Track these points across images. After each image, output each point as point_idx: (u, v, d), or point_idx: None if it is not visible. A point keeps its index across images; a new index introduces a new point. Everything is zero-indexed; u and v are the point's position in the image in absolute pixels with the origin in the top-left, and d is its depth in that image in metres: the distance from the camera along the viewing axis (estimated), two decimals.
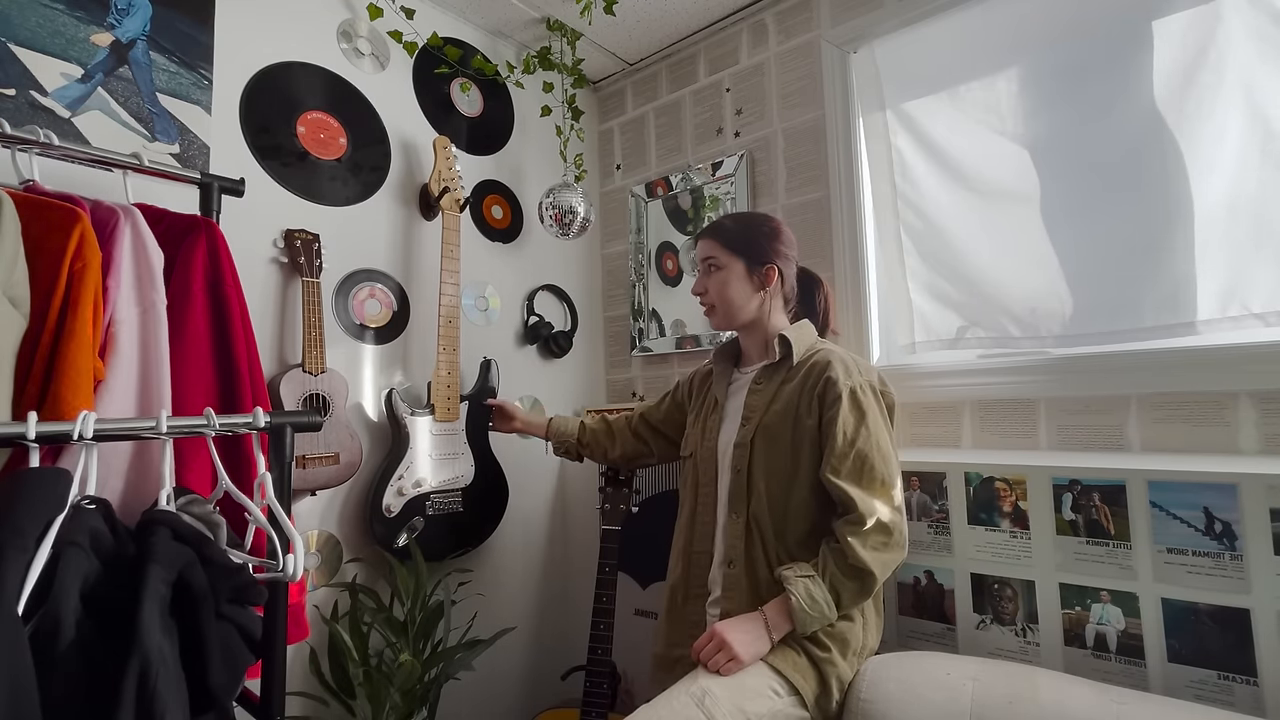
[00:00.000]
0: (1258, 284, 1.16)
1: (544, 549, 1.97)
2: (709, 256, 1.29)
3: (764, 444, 1.17)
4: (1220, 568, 1.00)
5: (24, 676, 0.62)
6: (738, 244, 1.28)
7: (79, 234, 0.87)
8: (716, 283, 1.28)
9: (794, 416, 1.16)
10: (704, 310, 1.33)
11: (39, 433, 0.73)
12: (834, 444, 1.11)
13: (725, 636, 1.05)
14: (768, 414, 1.19)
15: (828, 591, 1.06)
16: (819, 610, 1.05)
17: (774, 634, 1.07)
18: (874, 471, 1.10)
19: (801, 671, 1.07)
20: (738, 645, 1.04)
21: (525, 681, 1.89)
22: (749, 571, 1.15)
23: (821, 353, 1.20)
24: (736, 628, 1.07)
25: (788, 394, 1.18)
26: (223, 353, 1.05)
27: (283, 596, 0.92)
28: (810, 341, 1.25)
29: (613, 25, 1.92)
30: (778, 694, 1.04)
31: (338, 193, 1.58)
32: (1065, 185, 1.36)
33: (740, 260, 1.27)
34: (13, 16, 1.15)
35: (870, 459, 1.10)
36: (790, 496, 1.15)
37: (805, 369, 1.19)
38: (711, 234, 1.31)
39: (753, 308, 1.27)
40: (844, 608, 1.08)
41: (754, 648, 1.06)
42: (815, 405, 1.15)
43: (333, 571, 1.50)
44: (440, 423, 1.60)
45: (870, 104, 1.64)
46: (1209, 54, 1.21)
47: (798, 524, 1.15)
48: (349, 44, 1.64)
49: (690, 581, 1.26)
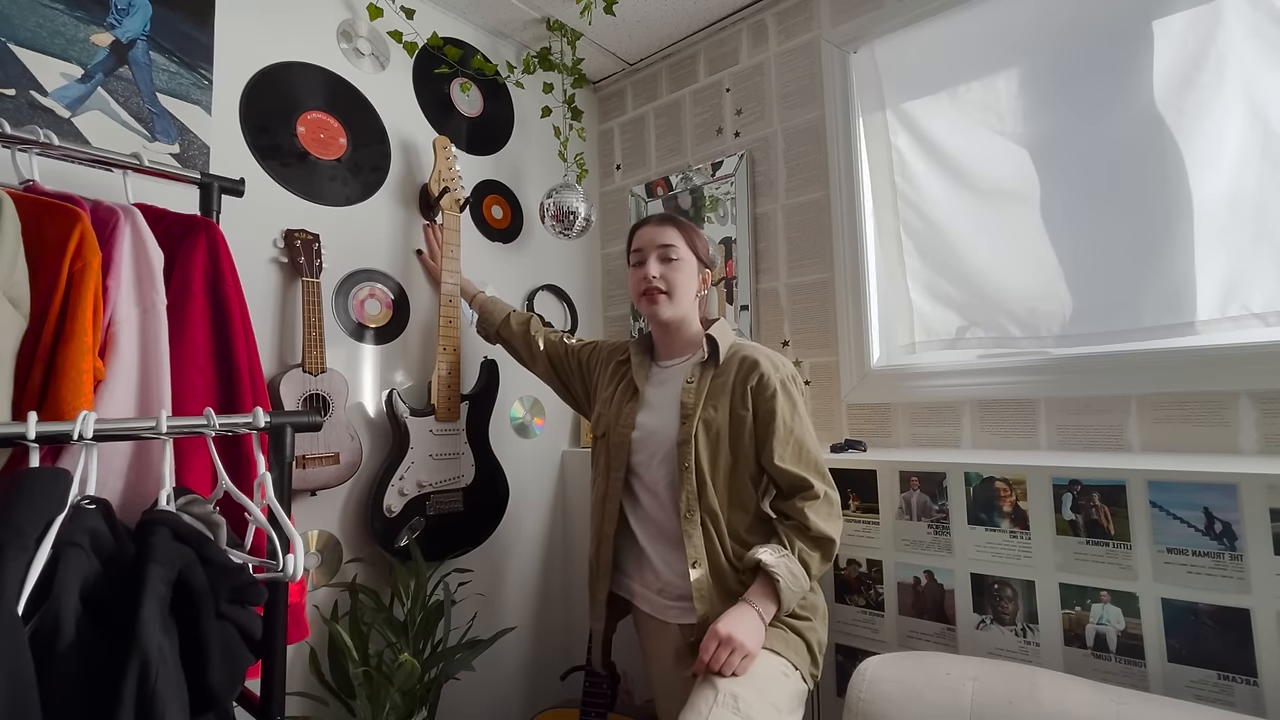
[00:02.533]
0: (1258, 284, 1.16)
1: (544, 549, 1.97)
2: (670, 244, 1.28)
3: (706, 439, 1.21)
4: (1220, 568, 1.00)
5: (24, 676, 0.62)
6: (691, 242, 1.31)
7: (79, 234, 0.87)
8: (675, 271, 1.28)
9: (729, 410, 1.21)
10: (647, 295, 1.27)
11: (39, 433, 0.73)
12: (777, 433, 1.18)
13: (732, 634, 1.06)
14: (704, 409, 1.22)
15: (800, 566, 1.12)
16: (799, 585, 1.11)
17: (765, 619, 1.11)
18: (810, 454, 1.19)
19: (795, 647, 1.12)
20: (746, 640, 1.06)
21: (525, 681, 1.88)
22: (713, 569, 1.18)
23: (744, 349, 1.25)
24: (738, 623, 1.08)
25: (720, 389, 1.22)
26: (223, 353, 1.05)
27: (283, 596, 0.92)
28: (731, 339, 1.30)
29: (613, 25, 1.92)
30: (786, 674, 1.09)
31: (338, 193, 1.58)
32: (1065, 185, 1.36)
33: (694, 258, 1.31)
34: (13, 16, 1.15)
35: (806, 443, 1.20)
36: (734, 487, 1.21)
37: (735, 364, 1.23)
38: (673, 224, 1.31)
39: (689, 304, 1.31)
40: (813, 577, 1.15)
41: (757, 637, 1.08)
42: (749, 398, 1.20)
43: (333, 571, 1.50)
44: (441, 423, 1.61)
45: (870, 104, 1.64)
46: (1209, 54, 1.21)
47: (743, 514, 1.21)
48: (349, 44, 1.64)
49: (600, 561, 1.31)
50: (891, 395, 1.57)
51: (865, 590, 1.34)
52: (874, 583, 1.33)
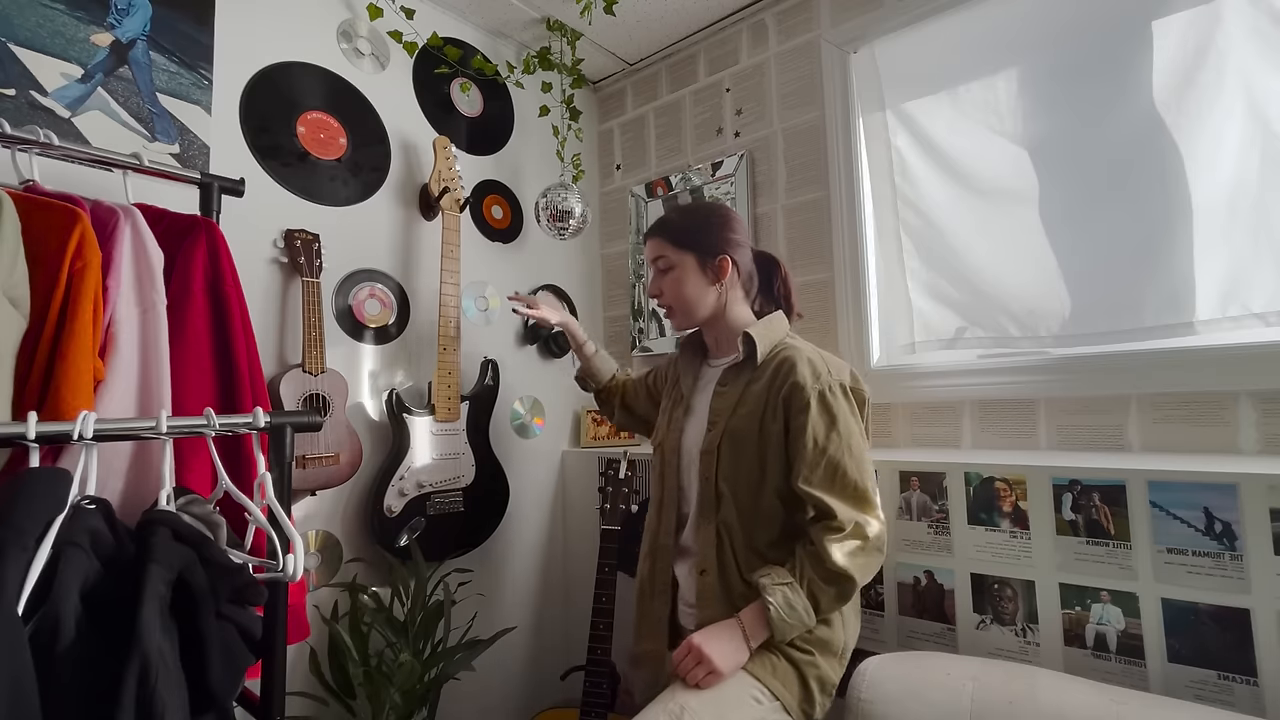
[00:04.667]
0: (1258, 284, 1.16)
1: (544, 549, 1.97)
2: (659, 256, 1.24)
3: (730, 450, 1.14)
4: (1220, 568, 1.00)
5: (24, 676, 0.62)
6: (686, 239, 1.22)
7: (79, 234, 0.87)
8: (671, 282, 1.23)
9: (759, 421, 1.12)
10: (663, 314, 1.29)
11: (39, 433, 0.73)
12: (805, 453, 1.07)
13: (703, 649, 1.01)
14: (734, 418, 1.15)
15: (806, 599, 1.03)
16: (797, 618, 1.02)
17: (752, 642, 1.04)
18: (846, 477, 1.06)
19: (782, 677, 1.04)
20: (716, 657, 1.01)
21: (525, 681, 1.88)
22: (722, 578, 1.13)
23: (788, 351, 1.15)
24: (714, 639, 1.03)
25: (753, 396, 1.14)
26: (223, 353, 1.05)
27: (283, 596, 0.92)
28: (778, 337, 1.20)
29: (613, 25, 1.92)
30: (759, 700, 1.01)
31: (338, 193, 1.58)
32: (1065, 185, 1.36)
33: (691, 255, 1.22)
34: (13, 16, 1.14)
35: (842, 465, 1.06)
36: (759, 502, 1.12)
37: (772, 369, 1.14)
38: (658, 232, 1.25)
39: (710, 302, 1.22)
40: (822, 613, 1.05)
41: (733, 659, 1.03)
42: (781, 410, 1.11)
43: (333, 571, 1.50)
44: (441, 423, 1.61)
45: (870, 104, 1.64)
46: (1208, 54, 1.21)
47: (768, 529, 1.12)
48: (349, 44, 1.64)
49: (655, 578, 1.25)
50: (891, 395, 1.57)
51: (865, 590, 1.34)
52: (874, 582, 1.33)
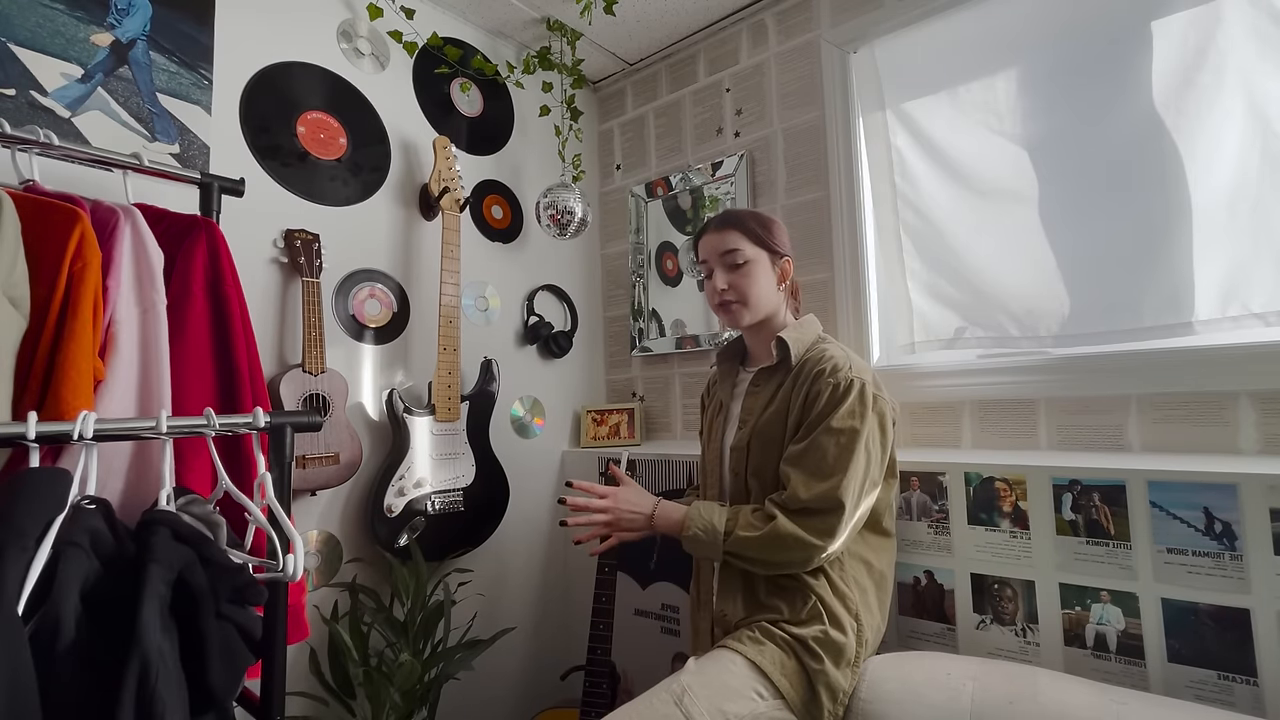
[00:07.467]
0: (1257, 284, 1.16)
1: (544, 549, 1.97)
2: (733, 249, 1.19)
3: (759, 446, 1.15)
4: (1220, 568, 1.00)
5: (24, 676, 0.62)
6: (759, 236, 1.20)
7: (79, 234, 0.87)
8: (743, 277, 1.18)
9: (785, 416, 1.14)
10: (722, 307, 1.21)
11: (39, 433, 0.73)
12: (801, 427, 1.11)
13: (615, 498, 1.14)
14: (763, 416, 1.16)
15: (725, 521, 1.09)
16: (708, 525, 1.09)
17: (657, 521, 1.15)
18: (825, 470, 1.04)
19: (789, 676, 1.03)
20: (623, 508, 1.14)
21: (525, 681, 1.88)
22: (744, 572, 1.13)
23: (818, 353, 1.15)
24: (630, 495, 1.16)
25: (783, 395, 1.15)
26: (223, 353, 1.05)
27: (283, 596, 0.92)
28: (810, 339, 1.20)
29: (613, 25, 1.92)
30: (760, 696, 1.01)
31: (338, 193, 1.58)
32: (1064, 185, 1.36)
33: (765, 252, 1.20)
34: (13, 16, 1.14)
35: (830, 455, 1.04)
36: None
37: (801, 371, 1.15)
38: (733, 224, 1.21)
39: (774, 303, 1.22)
40: (731, 546, 1.08)
41: (632, 505, 1.16)
42: (802, 400, 1.12)
43: (333, 571, 1.50)
44: (441, 423, 1.61)
45: (870, 104, 1.64)
46: (1208, 54, 1.21)
47: None
48: (349, 44, 1.64)
49: (701, 589, 1.26)
50: (891, 395, 1.56)
51: None
52: None
